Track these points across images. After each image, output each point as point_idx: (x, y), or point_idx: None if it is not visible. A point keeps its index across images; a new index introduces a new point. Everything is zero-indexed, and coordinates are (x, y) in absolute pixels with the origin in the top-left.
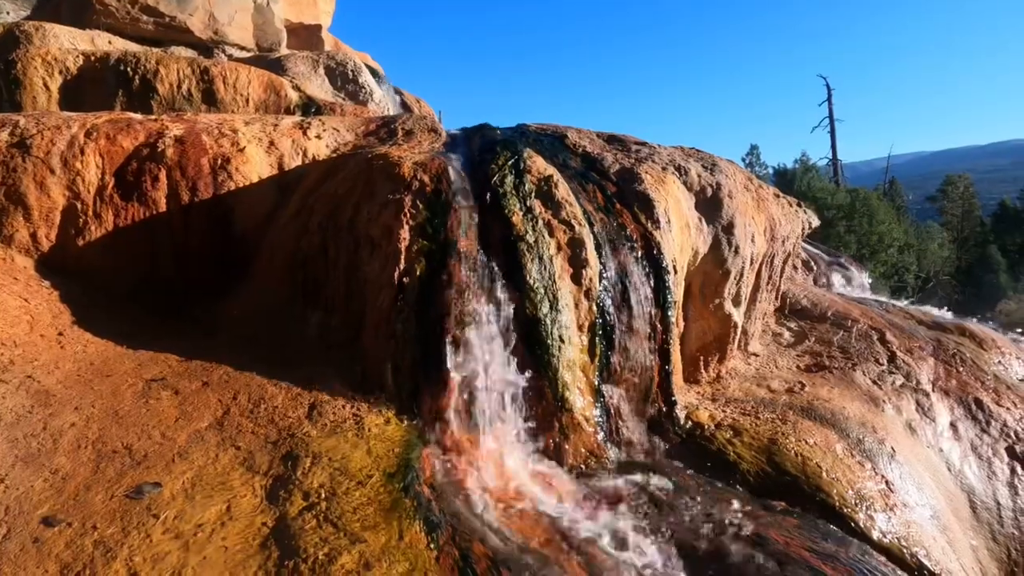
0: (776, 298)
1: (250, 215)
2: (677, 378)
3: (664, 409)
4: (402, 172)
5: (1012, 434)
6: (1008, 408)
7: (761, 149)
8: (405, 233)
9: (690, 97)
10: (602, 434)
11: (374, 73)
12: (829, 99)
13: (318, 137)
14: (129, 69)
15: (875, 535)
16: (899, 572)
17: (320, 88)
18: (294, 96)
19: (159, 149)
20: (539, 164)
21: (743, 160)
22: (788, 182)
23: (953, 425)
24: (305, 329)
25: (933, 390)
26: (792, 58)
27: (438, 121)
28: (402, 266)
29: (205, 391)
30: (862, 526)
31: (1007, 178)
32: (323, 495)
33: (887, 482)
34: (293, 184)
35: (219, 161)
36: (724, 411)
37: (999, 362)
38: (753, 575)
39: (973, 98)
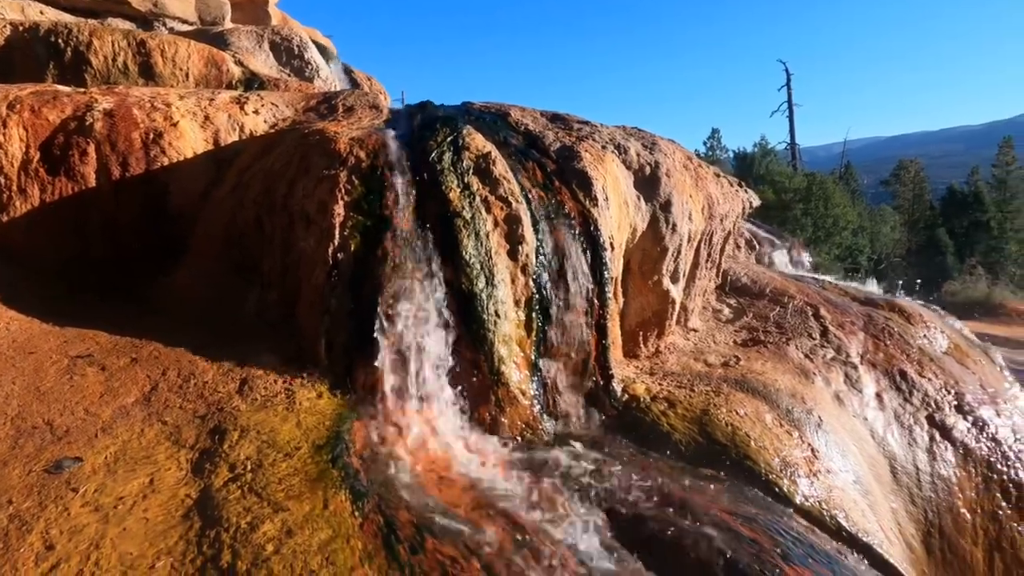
0: (717, 275)
1: (185, 191)
2: (616, 352)
3: (601, 383)
4: (338, 148)
5: (932, 403)
6: (930, 379)
7: (723, 133)
8: (340, 209)
9: (654, 81)
10: (539, 407)
11: (322, 49)
12: (788, 84)
13: (256, 112)
14: (61, 40)
15: (798, 499)
16: (818, 532)
17: (264, 64)
18: (236, 71)
19: (87, 122)
20: (478, 141)
21: (704, 144)
22: (748, 166)
23: (879, 395)
24: (242, 305)
25: (861, 362)
26: (753, 42)
27: (381, 98)
28: (336, 242)
29: (133, 367)
30: (786, 491)
31: (956, 163)
32: (249, 467)
33: (813, 449)
34: (230, 160)
35: (151, 135)
36: (661, 384)
37: (924, 335)
38: (674, 537)
39: (926, 85)
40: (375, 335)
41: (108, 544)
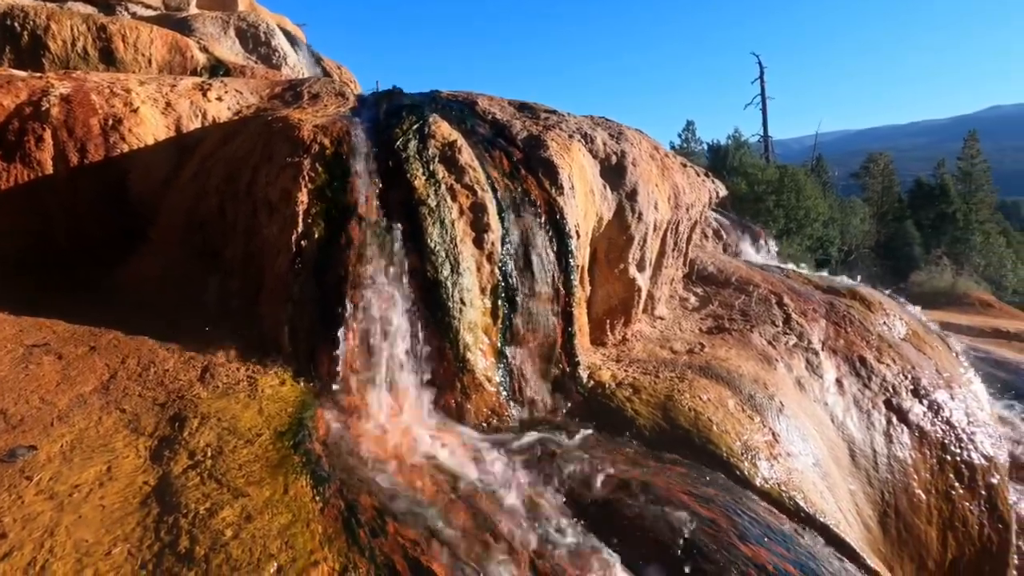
0: (684, 264)
1: (146, 179)
2: (583, 340)
3: (568, 370)
4: (301, 135)
5: (890, 388)
6: (888, 364)
7: (697, 125)
8: (303, 196)
9: (629, 74)
10: (504, 393)
11: (291, 37)
12: (761, 77)
13: (219, 99)
14: (17, 24)
15: (757, 481)
16: (777, 513)
17: (230, 50)
18: (201, 58)
19: (43, 108)
20: (444, 129)
21: (679, 136)
22: (721, 158)
23: (839, 381)
24: (204, 293)
25: (823, 349)
26: (727, 35)
27: (348, 86)
28: (300, 229)
29: (91, 356)
30: (746, 474)
31: (924, 156)
32: (209, 454)
33: (774, 433)
34: (192, 147)
35: (110, 122)
36: (626, 371)
37: (884, 322)
38: (634, 517)
39: (894, 80)
40: (339, 323)
41: (63, 531)
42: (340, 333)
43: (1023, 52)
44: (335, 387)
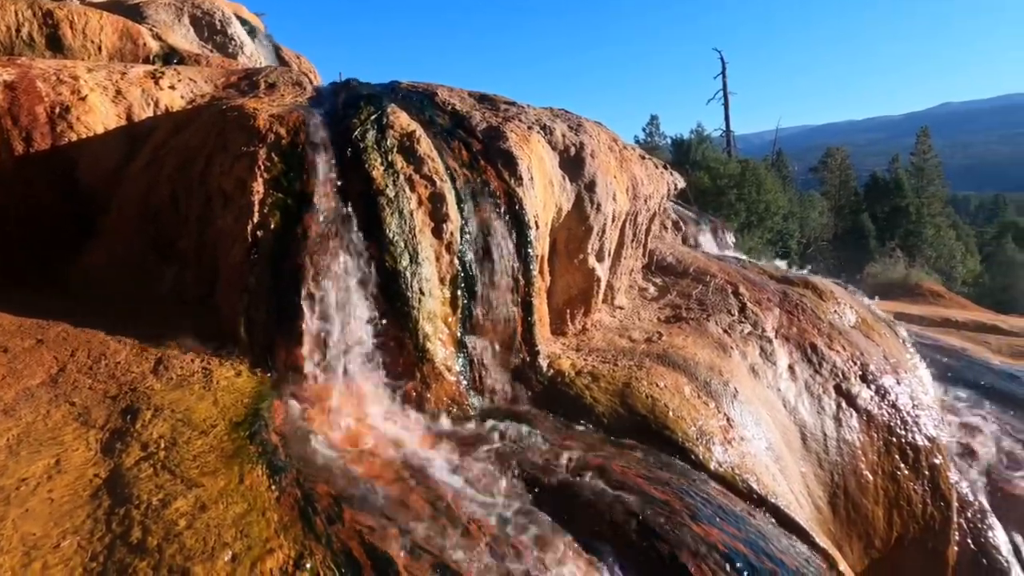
0: (643, 255)
1: (96, 168)
2: (544, 330)
3: (528, 359)
4: (257, 124)
5: (840, 373)
6: (838, 351)
7: (661, 119)
8: (259, 186)
9: (596, 68)
10: (465, 383)
11: (248, 25)
12: (723, 72)
13: (172, 87)
14: None
15: (712, 465)
16: (730, 495)
17: (184, 38)
18: (154, 45)
19: None
20: (402, 120)
21: (644, 130)
22: (684, 152)
23: (791, 367)
24: (158, 285)
25: (776, 336)
26: (691, 31)
27: (306, 76)
28: (256, 219)
29: (39, 349)
30: (701, 458)
31: (879, 151)
32: (163, 445)
33: (728, 419)
34: (144, 136)
35: (57, 110)
36: (586, 360)
37: (835, 311)
38: (589, 500)
39: (851, 76)
40: (297, 313)
41: (9, 525)
42: (298, 323)
43: (972, 52)
44: (293, 377)
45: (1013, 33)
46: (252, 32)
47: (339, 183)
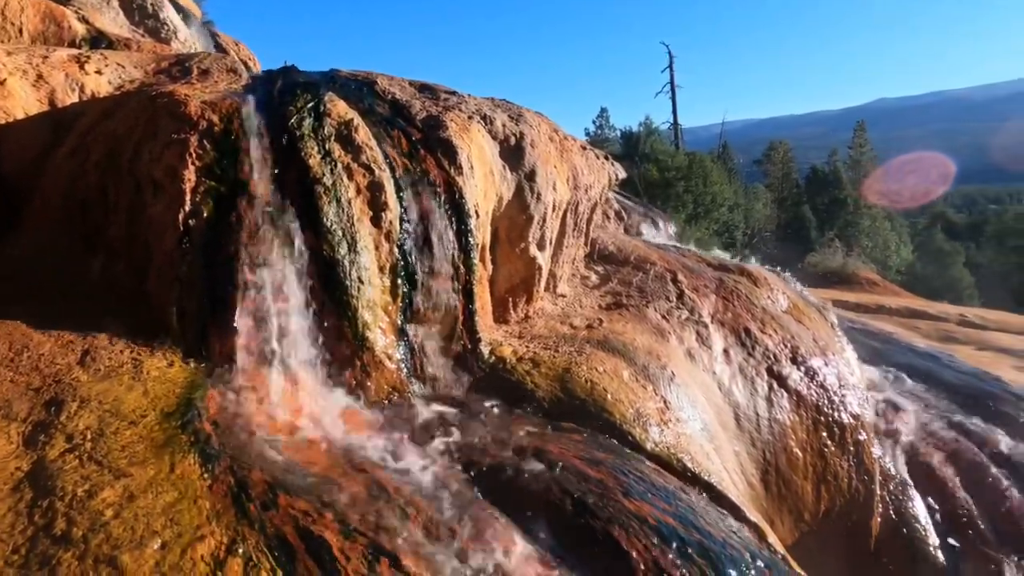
0: (586, 244)
1: (17, 156)
2: (485, 318)
3: (469, 346)
4: (188, 111)
5: (772, 356)
6: (770, 335)
7: (611, 112)
8: (190, 174)
9: (546, 62)
10: (405, 370)
11: (182, 10)
12: (671, 66)
13: (98, 72)
14: None
15: (648, 446)
16: (665, 474)
17: (113, 22)
18: (80, 29)
19: None
20: (340, 108)
21: (594, 122)
22: (633, 144)
23: (726, 351)
24: (86, 275)
25: (712, 322)
26: (640, 23)
27: (243, 63)
28: (187, 208)
29: None
30: (638, 439)
31: (819, 145)
32: (89, 436)
33: (665, 401)
34: (69, 123)
35: None
36: (528, 347)
37: (768, 297)
38: (526, 481)
39: (794, 71)
40: (231, 302)
41: None
42: (232, 313)
43: (906, 49)
44: (228, 367)
45: (944, 32)
46: (187, 17)
47: (275, 171)
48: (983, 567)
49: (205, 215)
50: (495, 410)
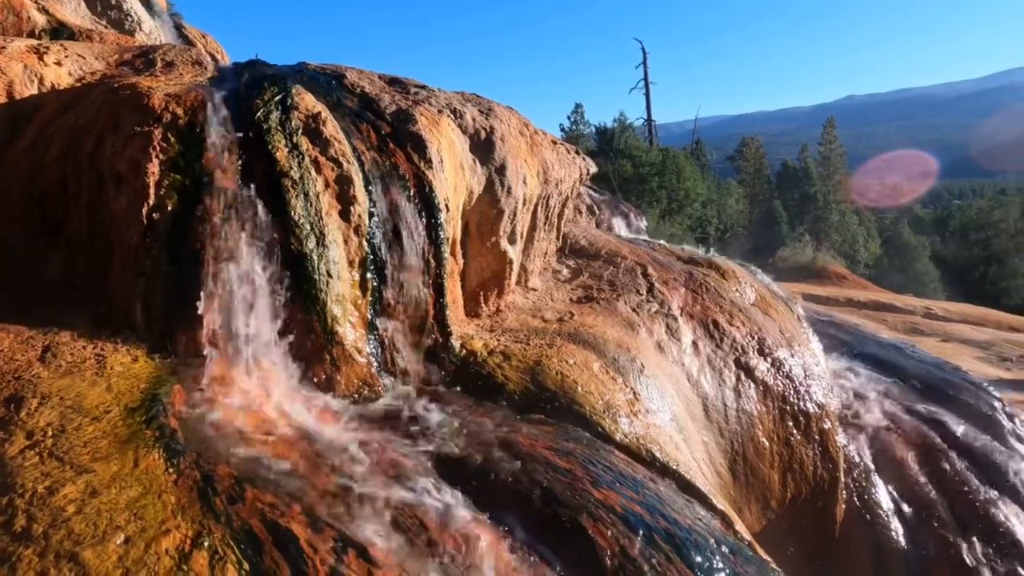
0: (557, 238)
1: None
2: (457, 311)
3: (440, 340)
4: (151, 103)
5: (739, 348)
6: (738, 327)
7: (586, 108)
8: (154, 167)
9: (522, 57)
10: (376, 364)
11: (146, 2)
12: (644, 62)
13: (58, 64)
14: None
15: (618, 436)
16: (634, 464)
17: (75, 12)
18: (40, 19)
19: None
20: (308, 101)
21: (569, 118)
22: (608, 140)
23: (695, 343)
24: (47, 271)
25: (681, 314)
26: (614, 20)
27: (210, 55)
28: (152, 202)
29: None
30: (607, 430)
31: (791, 141)
32: (50, 433)
33: (634, 393)
34: (28, 115)
35: None
36: (499, 340)
37: (736, 289)
38: (496, 472)
39: (766, 68)
40: (197, 297)
41: None
42: (198, 308)
43: (874, 48)
44: (195, 362)
45: (911, 31)
46: (151, 8)
47: (241, 165)
48: (943, 550)
49: (170, 209)
50: (465, 403)
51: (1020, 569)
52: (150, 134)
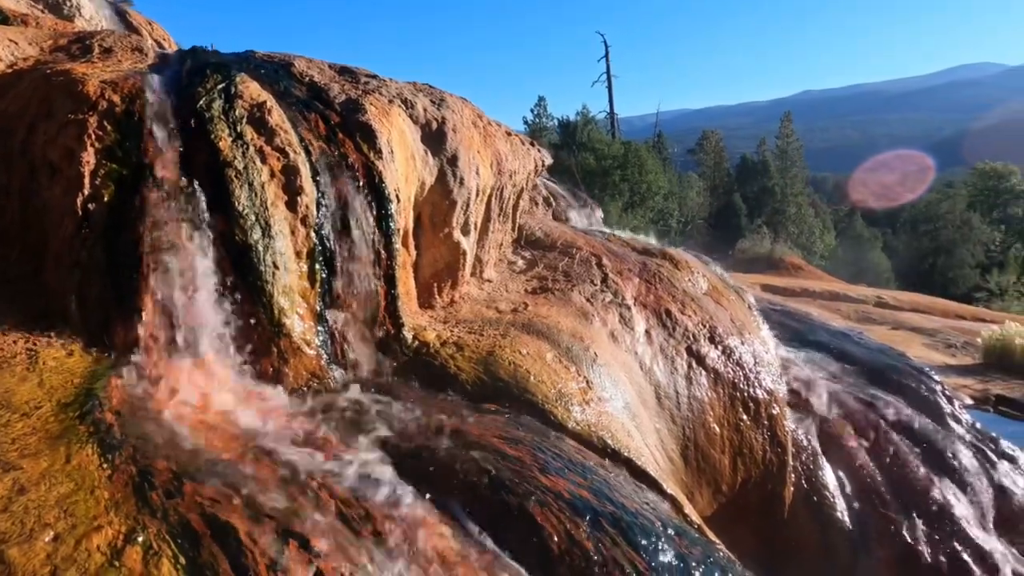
0: (512, 229)
1: None
2: (410, 303)
3: (392, 331)
4: (86, 90)
5: (691, 336)
6: (689, 316)
7: (549, 101)
8: (89, 156)
9: (485, 50)
10: (325, 356)
11: None
12: (607, 56)
13: None
14: None
15: (570, 424)
16: (586, 451)
17: None
18: None
19: None
20: (252, 89)
21: (532, 111)
22: (571, 133)
23: (648, 332)
24: None
25: (635, 304)
26: (578, 11)
27: (156, 42)
28: (87, 192)
29: None
30: (560, 418)
31: (749, 135)
32: None
33: (588, 381)
34: None
35: None
36: (452, 331)
37: (689, 279)
38: (444, 461)
39: (726, 63)
40: (136, 289)
41: None
42: (136, 300)
43: (829, 44)
44: (133, 356)
45: (864, 27)
46: None
47: (182, 154)
48: (885, 529)
49: (106, 199)
50: (417, 394)
51: (957, 545)
52: (85, 122)
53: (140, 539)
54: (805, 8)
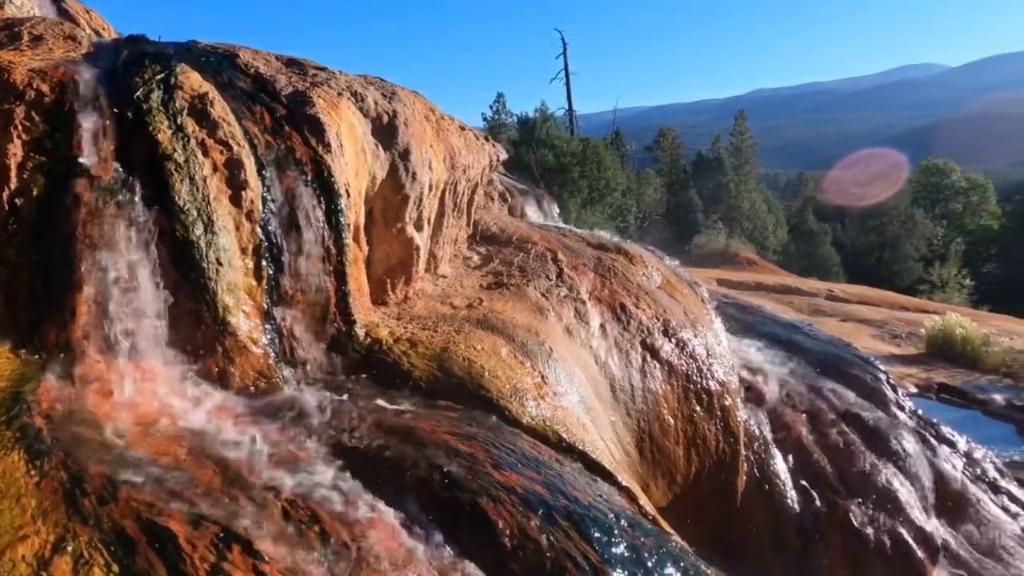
0: (467, 225)
1: None
2: (362, 299)
3: (344, 328)
4: (13, 79)
5: (645, 330)
6: (643, 310)
7: (508, 98)
8: (16, 149)
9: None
10: (273, 355)
11: None
12: (565, 52)
13: None
14: None
15: (525, 420)
16: (539, 445)
17: None
18: None
19: None
20: (193, 80)
21: (491, 107)
22: (530, 130)
23: (603, 326)
24: None
25: (590, 299)
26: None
27: (93, 32)
28: (14, 185)
29: None
30: (514, 413)
31: (705, 132)
32: None
33: (543, 376)
34: None
35: None
36: (406, 327)
37: (643, 274)
38: (397, 459)
39: (682, 60)
40: (68, 288)
41: None
42: (69, 299)
43: (782, 43)
44: (66, 358)
45: (815, 27)
46: None
47: (119, 147)
48: (833, 513)
49: (36, 193)
50: (369, 392)
51: (899, 527)
52: (11, 112)
53: (70, 548)
54: (757, 7)
